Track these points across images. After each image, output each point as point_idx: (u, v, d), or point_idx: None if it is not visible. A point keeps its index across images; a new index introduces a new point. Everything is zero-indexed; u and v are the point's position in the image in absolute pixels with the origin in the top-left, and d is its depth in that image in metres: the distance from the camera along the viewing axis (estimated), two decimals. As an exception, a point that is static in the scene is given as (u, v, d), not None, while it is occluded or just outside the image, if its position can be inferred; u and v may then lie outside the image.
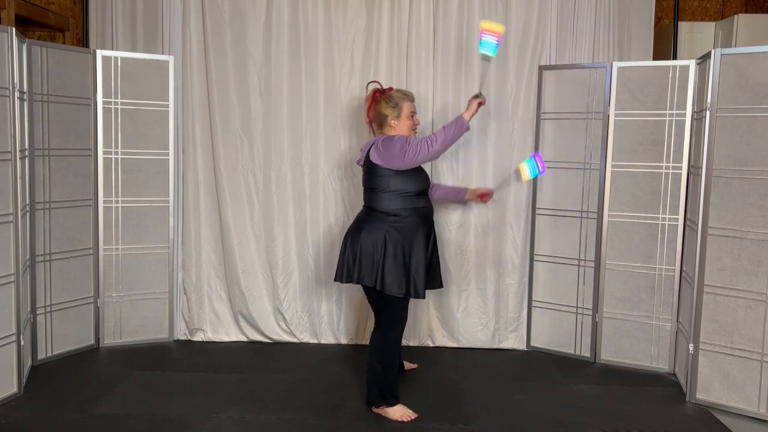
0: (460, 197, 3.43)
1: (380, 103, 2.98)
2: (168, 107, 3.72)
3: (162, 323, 3.84)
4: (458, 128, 2.89)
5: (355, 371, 3.39)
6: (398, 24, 3.67)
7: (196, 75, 3.74)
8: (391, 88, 3.06)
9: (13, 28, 2.91)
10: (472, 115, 2.96)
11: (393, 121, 2.97)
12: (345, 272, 2.91)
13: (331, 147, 3.74)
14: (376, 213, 2.90)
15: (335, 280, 2.97)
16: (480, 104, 2.98)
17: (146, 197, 3.72)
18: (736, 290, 2.96)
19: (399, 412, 2.87)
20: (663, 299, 3.44)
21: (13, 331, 2.97)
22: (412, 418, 2.86)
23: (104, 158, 3.61)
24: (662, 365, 3.48)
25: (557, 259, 3.70)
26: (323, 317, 3.86)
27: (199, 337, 3.89)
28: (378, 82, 3.11)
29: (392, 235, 2.84)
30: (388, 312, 2.89)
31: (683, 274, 3.35)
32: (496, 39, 2.94)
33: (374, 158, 2.88)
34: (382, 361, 2.89)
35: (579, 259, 3.63)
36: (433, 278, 3.05)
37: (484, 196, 3.41)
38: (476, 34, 3.65)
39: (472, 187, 3.52)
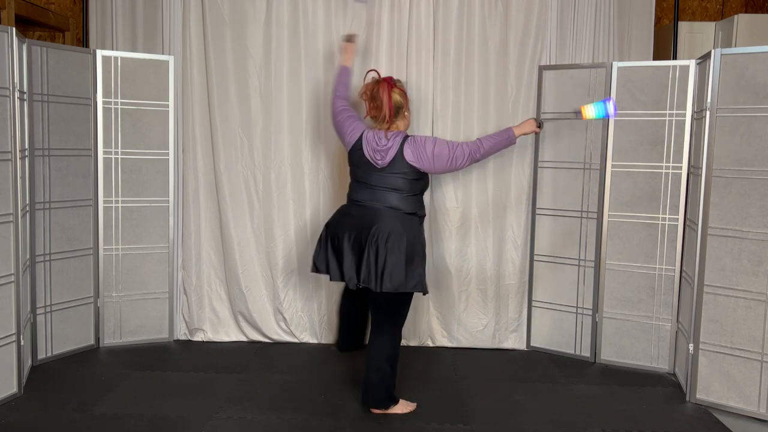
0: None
1: (394, 91, 2.89)
2: (168, 107, 3.72)
3: (162, 323, 3.84)
4: (506, 142, 2.93)
5: (355, 371, 3.38)
6: (398, 24, 3.66)
7: (196, 75, 3.74)
8: (391, 77, 2.97)
9: (13, 28, 2.91)
10: (523, 134, 3.02)
11: (406, 112, 2.94)
12: (389, 279, 2.71)
13: (331, 147, 3.74)
14: (411, 216, 2.86)
15: (359, 286, 2.80)
16: (536, 131, 3.04)
17: (146, 197, 3.72)
18: (736, 290, 2.96)
19: (403, 407, 2.92)
20: (663, 299, 3.44)
21: (13, 331, 2.97)
22: (414, 407, 2.94)
23: (104, 158, 3.61)
24: (662, 365, 3.48)
25: (557, 259, 3.70)
26: (323, 317, 3.86)
27: (199, 337, 3.89)
28: (376, 71, 3.04)
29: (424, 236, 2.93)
30: (401, 313, 2.88)
31: (683, 274, 3.35)
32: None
33: (412, 160, 2.81)
34: (393, 363, 2.88)
35: (579, 259, 3.63)
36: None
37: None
38: (476, 35, 3.66)
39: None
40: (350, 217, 2.89)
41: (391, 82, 2.90)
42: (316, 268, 2.97)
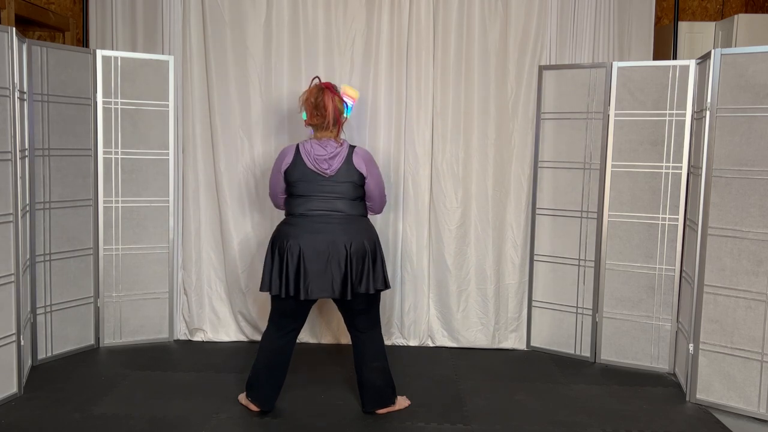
0: None
1: (335, 98, 2.84)
2: (168, 107, 3.72)
3: (162, 323, 3.84)
4: None
5: (354, 371, 3.38)
6: (398, 24, 3.66)
7: (196, 75, 3.74)
8: (332, 84, 2.90)
9: (13, 28, 2.91)
10: None
11: (345, 119, 2.92)
12: (370, 281, 2.77)
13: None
14: (364, 218, 2.90)
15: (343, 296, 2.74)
16: None
17: (146, 197, 3.72)
18: (736, 290, 2.96)
19: (402, 401, 2.98)
20: (663, 299, 3.45)
21: (13, 331, 2.97)
22: (409, 403, 3.01)
23: (104, 158, 3.61)
24: (662, 365, 3.48)
25: (557, 259, 3.70)
26: (323, 317, 3.86)
27: (199, 337, 3.89)
28: (318, 78, 2.98)
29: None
30: (378, 309, 2.93)
31: (683, 274, 3.35)
32: (352, 102, 2.95)
33: (363, 170, 2.82)
34: (386, 357, 2.93)
35: (579, 259, 3.63)
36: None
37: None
38: (476, 34, 3.66)
39: None
40: (306, 231, 2.75)
41: (333, 89, 2.86)
42: (269, 288, 2.77)
